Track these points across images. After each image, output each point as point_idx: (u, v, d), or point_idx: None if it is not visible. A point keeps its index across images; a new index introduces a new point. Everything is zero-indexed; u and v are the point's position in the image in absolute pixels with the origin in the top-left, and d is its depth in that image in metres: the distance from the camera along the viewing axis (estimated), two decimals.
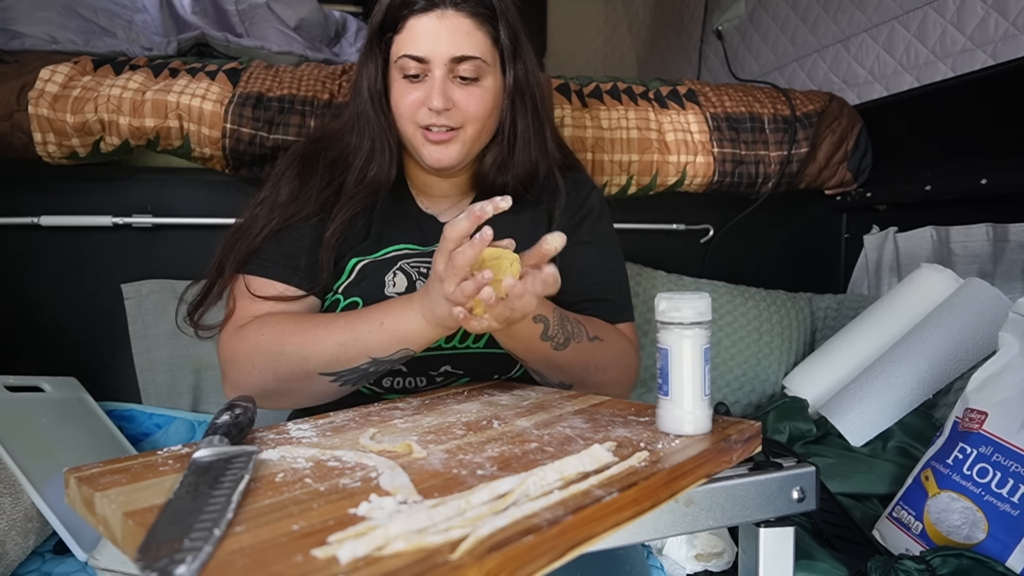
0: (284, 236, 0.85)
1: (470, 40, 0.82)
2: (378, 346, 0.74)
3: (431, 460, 0.53)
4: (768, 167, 1.54)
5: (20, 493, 0.95)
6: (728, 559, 0.99)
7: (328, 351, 0.75)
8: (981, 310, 1.16)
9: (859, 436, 1.14)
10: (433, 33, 0.81)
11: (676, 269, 1.57)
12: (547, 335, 0.78)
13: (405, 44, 0.82)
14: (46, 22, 1.47)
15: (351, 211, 0.87)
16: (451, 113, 0.83)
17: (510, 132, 0.89)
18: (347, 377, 0.78)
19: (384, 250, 0.89)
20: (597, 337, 0.85)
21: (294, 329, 0.78)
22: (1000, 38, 1.31)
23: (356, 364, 0.76)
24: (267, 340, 0.78)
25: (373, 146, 0.87)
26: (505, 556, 0.36)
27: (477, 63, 0.82)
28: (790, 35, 1.99)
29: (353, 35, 2.04)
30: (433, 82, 0.81)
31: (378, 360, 0.76)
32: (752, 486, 0.58)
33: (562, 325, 0.79)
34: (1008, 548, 0.81)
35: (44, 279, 1.36)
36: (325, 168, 0.89)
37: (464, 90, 0.83)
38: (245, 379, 0.80)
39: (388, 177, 0.88)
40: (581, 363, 0.83)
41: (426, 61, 0.81)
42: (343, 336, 0.75)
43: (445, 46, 0.81)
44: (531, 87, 0.89)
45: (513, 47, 0.86)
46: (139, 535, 0.39)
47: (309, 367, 0.77)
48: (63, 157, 1.29)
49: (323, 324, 0.78)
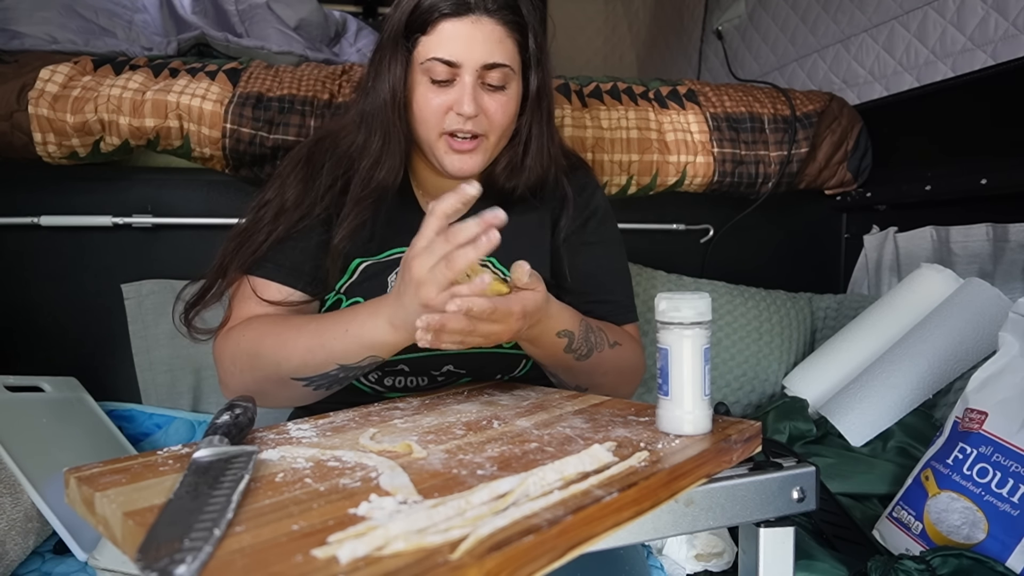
0: (290, 242, 0.85)
1: (501, 48, 0.80)
2: (343, 353, 0.73)
3: (431, 460, 0.53)
4: (768, 167, 1.54)
5: (20, 493, 0.95)
6: (728, 559, 0.99)
7: (297, 356, 0.74)
8: (981, 310, 1.16)
9: (859, 436, 1.14)
10: (466, 38, 0.78)
11: (676, 269, 1.57)
12: (571, 348, 0.78)
13: (435, 47, 0.79)
14: (46, 22, 1.47)
15: (358, 219, 0.84)
16: (478, 120, 0.81)
17: (525, 138, 0.88)
18: (318, 382, 0.76)
19: (387, 252, 0.89)
20: (617, 343, 0.86)
21: (271, 331, 0.78)
22: (1000, 38, 1.31)
23: (325, 370, 0.75)
24: (247, 342, 0.78)
25: (383, 148, 0.84)
26: (505, 556, 0.36)
27: (506, 71, 0.81)
28: (790, 35, 1.99)
29: (353, 35, 2.04)
30: (464, 88, 0.79)
31: (346, 367, 0.74)
32: (752, 486, 0.58)
33: (586, 337, 0.80)
34: (1008, 548, 0.81)
35: (44, 279, 1.36)
36: (329, 169, 0.88)
37: (492, 97, 0.81)
38: (229, 379, 0.80)
39: (395, 181, 0.86)
40: (600, 370, 0.84)
41: (457, 66, 0.79)
42: (310, 342, 0.74)
43: (478, 53, 0.79)
44: (549, 95, 0.88)
45: (539, 56, 0.85)
46: (139, 535, 0.39)
47: (281, 371, 0.76)
48: (63, 157, 1.29)
49: (295, 327, 0.76)
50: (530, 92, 0.86)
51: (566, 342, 0.77)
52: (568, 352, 0.78)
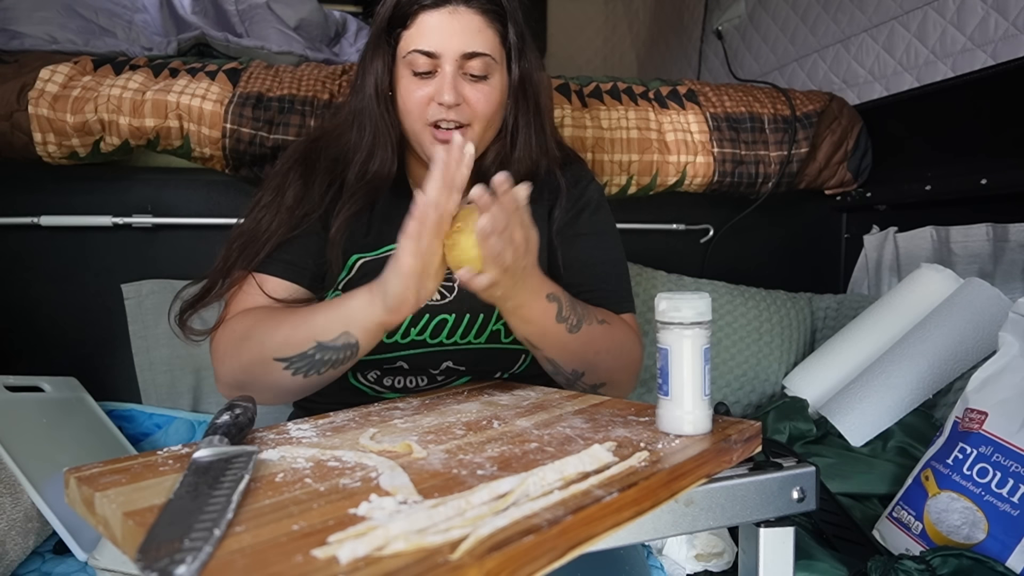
0: (292, 243, 0.86)
1: (480, 37, 0.82)
2: (321, 328, 0.73)
3: (431, 460, 0.53)
4: (768, 167, 1.54)
5: (20, 493, 0.95)
6: (728, 559, 0.99)
7: (281, 334, 0.76)
8: (981, 310, 1.16)
9: (859, 436, 1.14)
10: (444, 28, 0.81)
11: (676, 269, 1.57)
12: (561, 316, 0.78)
13: (415, 39, 0.82)
14: (46, 22, 1.47)
15: (354, 208, 0.86)
16: (460, 109, 0.82)
17: (512, 129, 0.90)
18: (297, 363, 0.76)
19: (384, 248, 0.89)
20: (604, 321, 0.85)
21: (265, 317, 0.79)
22: (1000, 38, 1.31)
23: (303, 349, 0.75)
24: (241, 328, 0.80)
25: (374, 141, 0.87)
26: (505, 556, 0.36)
27: (486, 60, 0.82)
28: (790, 35, 1.99)
29: (353, 35, 2.04)
30: (444, 77, 0.81)
31: (322, 345, 0.74)
32: (752, 486, 0.58)
33: (573, 306, 0.80)
34: (1008, 548, 0.81)
35: (44, 279, 1.36)
36: (326, 168, 0.89)
37: (473, 87, 0.83)
38: (220, 368, 0.81)
39: (389, 172, 0.88)
40: (593, 347, 0.83)
41: (436, 56, 0.81)
42: (295, 319, 0.76)
43: (456, 42, 0.81)
44: (534, 85, 0.89)
45: (520, 45, 0.86)
46: (139, 535, 0.39)
47: (264, 351, 0.76)
48: (63, 157, 1.29)
49: (287, 311, 0.79)
50: (512, 82, 0.87)
51: (556, 308, 0.77)
52: (560, 321, 0.78)
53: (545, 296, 0.75)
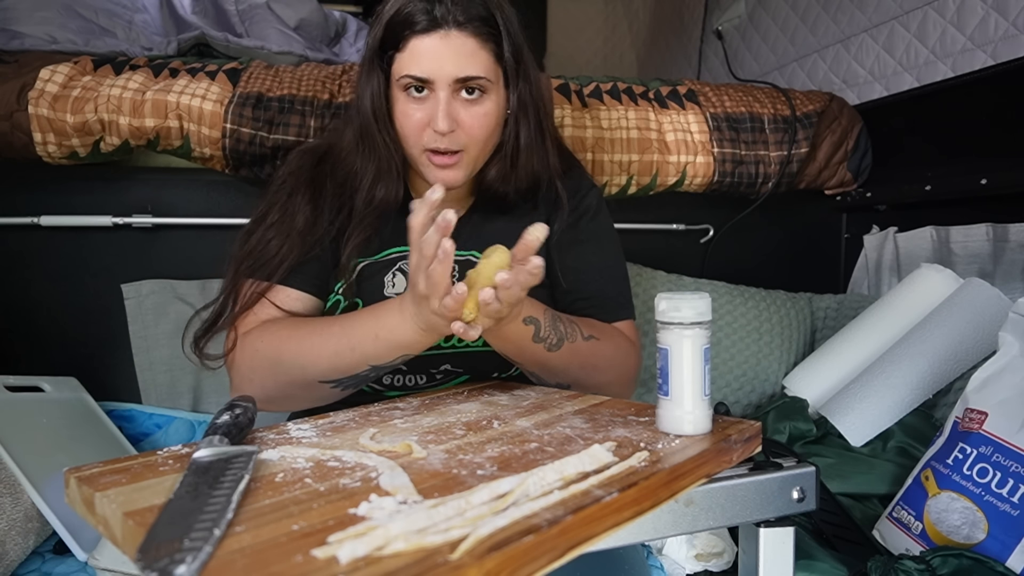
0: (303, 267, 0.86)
1: (474, 60, 0.79)
2: (376, 355, 0.75)
3: (431, 460, 0.53)
4: (768, 167, 1.54)
5: (20, 493, 0.95)
6: (728, 559, 0.99)
7: (324, 361, 0.76)
8: (981, 310, 1.16)
9: (859, 436, 1.14)
10: (436, 54, 0.78)
11: (676, 269, 1.57)
12: (539, 336, 0.77)
13: (407, 64, 0.80)
14: (46, 22, 1.47)
15: (364, 234, 0.87)
16: (454, 136, 0.81)
17: (513, 147, 0.88)
18: (348, 383, 0.79)
19: (384, 252, 0.89)
20: (593, 336, 0.84)
21: (291, 336, 0.78)
22: (1000, 38, 1.31)
23: (356, 371, 0.77)
24: (265, 348, 0.79)
25: (379, 168, 0.86)
26: (505, 556, 0.36)
27: (481, 83, 0.80)
28: (790, 35, 1.99)
29: (353, 35, 2.04)
30: (437, 103, 0.79)
31: (378, 367, 0.76)
32: (752, 486, 0.58)
33: (554, 326, 0.79)
34: (1008, 548, 0.81)
35: (44, 279, 1.36)
36: (334, 192, 0.89)
37: (468, 110, 0.81)
38: (248, 387, 0.81)
39: (396, 197, 0.88)
40: (576, 363, 0.83)
41: (430, 82, 0.79)
42: (339, 346, 0.75)
43: (449, 67, 0.79)
44: (534, 101, 0.88)
45: (516, 63, 0.84)
46: (139, 535, 0.39)
47: (307, 375, 0.77)
48: (63, 157, 1.29)
49: (318, 332, 0.77)
50: (511, 101, 0.86)
51: (532, 330, 0.76)
52: (537, 341, 0.77)
53: (523, 319, 0.75)
